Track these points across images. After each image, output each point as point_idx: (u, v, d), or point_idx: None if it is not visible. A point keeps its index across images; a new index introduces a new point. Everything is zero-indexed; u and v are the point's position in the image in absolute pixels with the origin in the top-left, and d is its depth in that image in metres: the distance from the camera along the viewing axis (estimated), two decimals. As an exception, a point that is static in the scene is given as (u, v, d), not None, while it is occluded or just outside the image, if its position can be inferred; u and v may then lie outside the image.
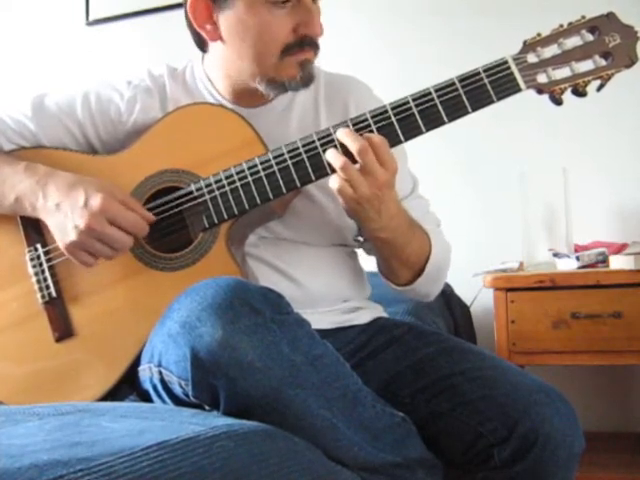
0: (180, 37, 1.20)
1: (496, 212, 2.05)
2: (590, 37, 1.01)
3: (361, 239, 1.26)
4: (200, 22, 1.13)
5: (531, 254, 1.79)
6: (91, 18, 2.55)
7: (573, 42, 1.02)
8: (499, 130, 2.03)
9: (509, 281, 1.66)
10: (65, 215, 1.05)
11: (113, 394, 1.07)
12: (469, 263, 1.80)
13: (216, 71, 1.19)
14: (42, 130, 1.18)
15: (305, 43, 1.10)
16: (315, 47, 1.12)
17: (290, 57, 1.10)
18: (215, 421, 0.79)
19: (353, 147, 1.01)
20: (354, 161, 1.01)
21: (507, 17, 2.07)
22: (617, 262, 1.62)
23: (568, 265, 1.67)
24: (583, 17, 1.02)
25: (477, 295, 1.92)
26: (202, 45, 1.19)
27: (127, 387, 1.08)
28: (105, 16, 2.53)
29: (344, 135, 1.02)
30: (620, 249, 1.75)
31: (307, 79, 1.13)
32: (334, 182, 1.03)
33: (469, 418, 0.99)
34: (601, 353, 1.60)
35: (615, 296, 1.59)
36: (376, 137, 1.01)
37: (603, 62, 1.01)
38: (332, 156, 1.02)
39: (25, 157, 1.14)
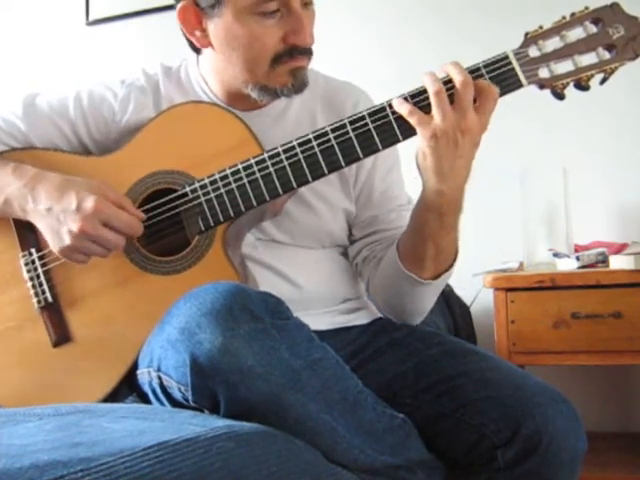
0: (180, 37, 1.19)
1: (496, 212, 2.05)
2: (594, 29, 1.00)
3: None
4: (190, 29, 1.13)
5: (531, 254, 1.79)
6: (91, 18, 2.55)
7: (576, 34, 1.00)
8: (499, 129, 2.01)
9: (509, 281, 1.66)
10: (57, 219, 1.03)
11: (112, 397, 1.07)
12: (469, 263, 1.78)
13: (210, 74, 1.18)
14: (33, 130, 1.16)
15: (295, 52, 1.08)
16: (307, 54, 1.10)
17: (281, 66, 1.09)
18: (215, 422, 0.79)
19: (458, 78, 0.97)
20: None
21: (508, 14, 2.07)
22: (617, 262, 1.61)
23: (568, 265, 1.67)
24: (586, 8, 1.00)
25: (477, 295, 1.91)
26: (196, 49, 1.18)
27: (126, 388, 1.08)
28: (105, 16, 2.52)
29: (452, 66, 0.98)
30: (620, 249, 1.75)
31: (299, 86, 1.11)
32: (403, 109, 0.98)
33: (472, 419, 0.98)
34: (601, 353, 1.60)
35: (615, 296, 1.58)
36: (486, 84, 0.98)
37: (607, 55, 0.99)
38: (429, 79, 0.98)
39: (16, 158, 1.13)
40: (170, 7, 1.19)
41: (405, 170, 1.27)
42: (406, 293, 1.15)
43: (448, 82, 0.99)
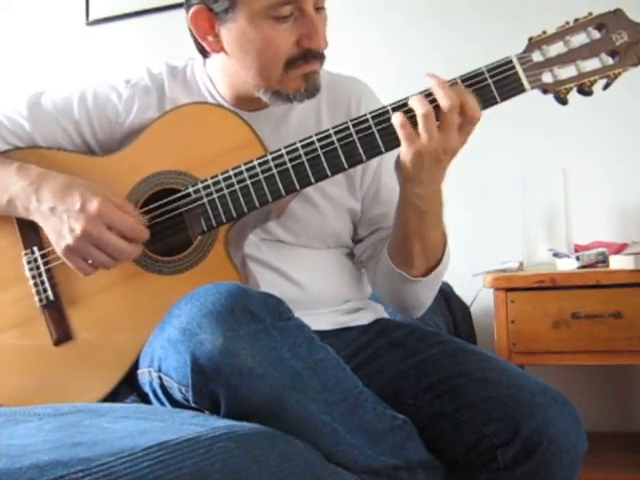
0: (180, 37, 1.19)
1: (496, 212, 2.05)
2: (597, 34, 1.00)
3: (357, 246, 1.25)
4: (202, 34, 1.12)
5: (531, 254, 1.79)
6: (91, 18, 2.55)
7: (579, 40, 1.00)
8: (500, 130, 2.02)
9: (509, 281, 1.66)
10: (60, 219, 1.03)
11: (112, 397, 1.07)
12: (469, 263, 1.79)
13: (219, 78, 1.18)
14: (37, 129, 1.16)
15: (309, 56, 1.08)
16: (320, 58, 1.10)
17: (294, 70, 1.08)
18: (215, 422, 0.79)
19: (444, 103, 0.97)
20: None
21: (508, 16, 2.07)
22: (617, 262, 1.62)
23: (568, 265, 1.67)
24: (590, 14, 1.00)
25: (477, 295, 1.91)
26: (204, 52, 1.17)
27: (127, 388, 1.08)
28: (105, 16, 2.52)
29: (438, 88, 0.98)
30: (620, 249, 1.75)
31: (312, 91, 1.11)
32: (397, 119, 0.99)
33: (472, 419, 0.98)
34: (601, 353, 1.60)
35: (615, 296, 1.58)
36: (471, 100, 0.98)
37: (610, 61, 0.99)
38: (417, 100, 0.99)
39: (20, 157, 1.13)
40: (170, 7, 1.19)
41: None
42: (401, 289, 1.16)
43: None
